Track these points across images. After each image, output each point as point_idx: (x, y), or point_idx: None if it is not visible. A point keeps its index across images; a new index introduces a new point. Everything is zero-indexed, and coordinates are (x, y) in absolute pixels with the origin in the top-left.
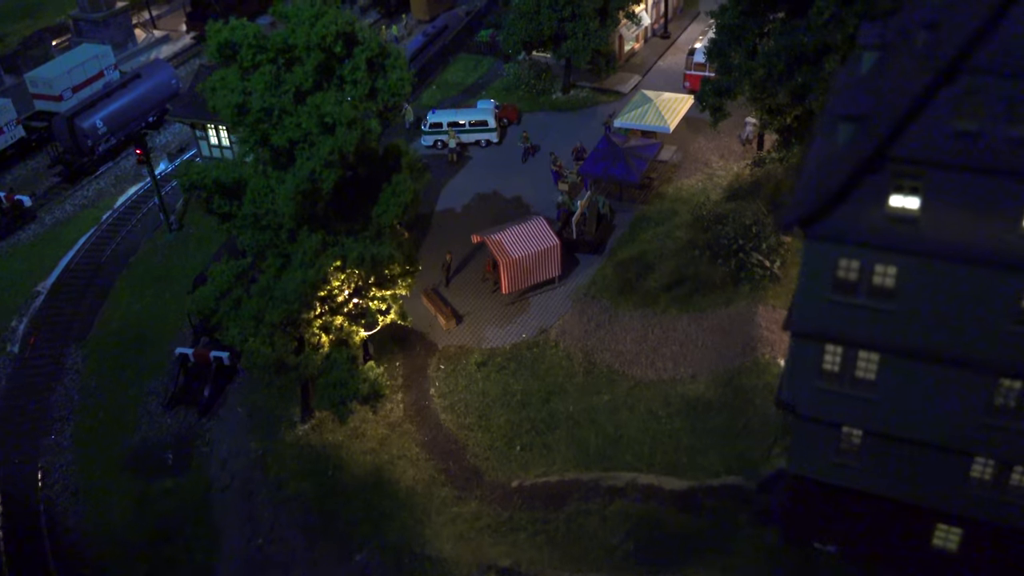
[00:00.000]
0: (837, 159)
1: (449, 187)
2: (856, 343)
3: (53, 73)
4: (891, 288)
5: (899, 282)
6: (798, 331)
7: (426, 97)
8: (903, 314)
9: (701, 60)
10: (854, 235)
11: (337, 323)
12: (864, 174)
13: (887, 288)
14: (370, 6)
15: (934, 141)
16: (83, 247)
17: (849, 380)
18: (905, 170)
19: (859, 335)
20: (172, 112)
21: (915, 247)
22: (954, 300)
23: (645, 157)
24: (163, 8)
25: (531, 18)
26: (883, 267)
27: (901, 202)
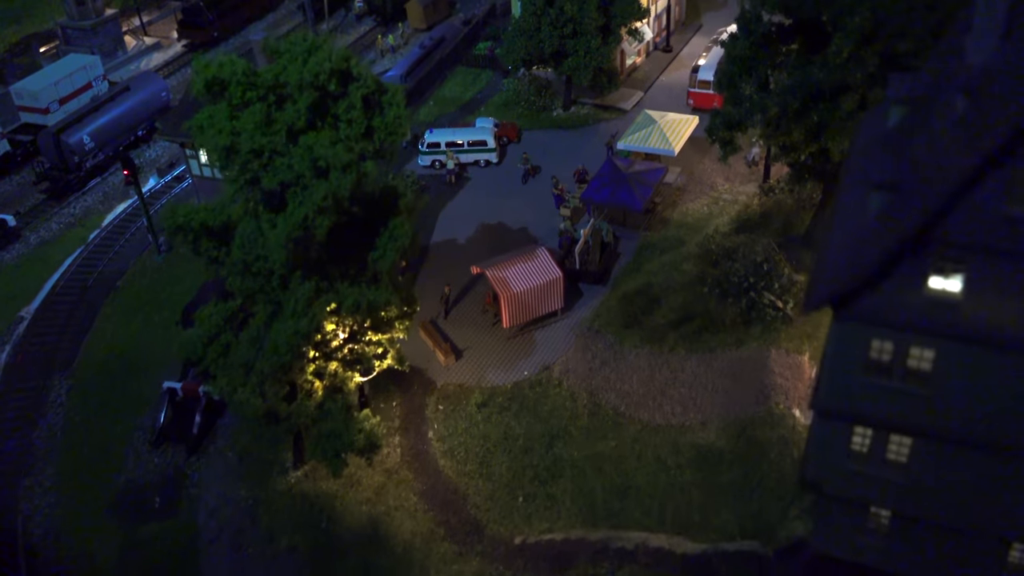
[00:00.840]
0: (871, 235)
1: (447, 210)
2: (888, 426)
3: (39, 85)
4: (928, 371)
5: (937, 366)
6: (825, 411)
7: (423, 113)
8: (940, 398)
9: (705, 78)
10: (889, 317)
11: (331, 369)
12: (903, 256)
13: (923, 371)
14: (366, 14)
15: (982, 225)
16: (69, 269)
17: (879, 462)
18: (949, 254)
19: (891, 418)
20: (161, 130)
21: (956, 331)
22: (995, 385)
23: (650, 183)
24: (154, 14)
25: (531, 35)
26: (919, 350)
27: (942, 284)
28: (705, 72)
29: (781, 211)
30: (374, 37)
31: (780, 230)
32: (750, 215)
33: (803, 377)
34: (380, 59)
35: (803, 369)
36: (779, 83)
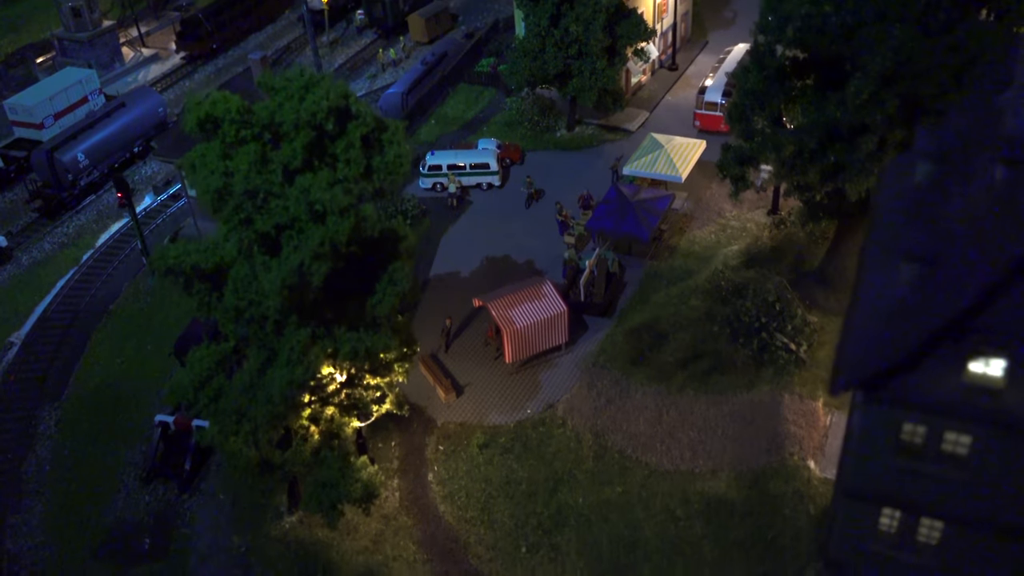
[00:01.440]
0: (904, 313)
1: (449, 235)
2: (919, 509)
3: (34, 100)
4: (964, 455)
5: (974, 450)
6: (851, 492)
7: (425, 132)
8: (976, 482)
9: (712, 99)
10: (923, 402)
11: (328, 414)
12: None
13: (959, 455)
14: (366, 27)
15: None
16: (61, 292)
17: (909, 544)
18: (992, 338)
19: (922, 500)
20: (157, 150)
21: (997, 418)
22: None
23: (657, 212)
24: (152, 24)
25: (535, 56)
26: (955, 435)
27: (983, 369)
28: (712, 94)
29: (792, 245)
30: (375, 50)
31: (792, 265)
32: (760, 248)
33: (817, 425)
34: (381, 73)
35: (817, 416)
36: (794, 119)
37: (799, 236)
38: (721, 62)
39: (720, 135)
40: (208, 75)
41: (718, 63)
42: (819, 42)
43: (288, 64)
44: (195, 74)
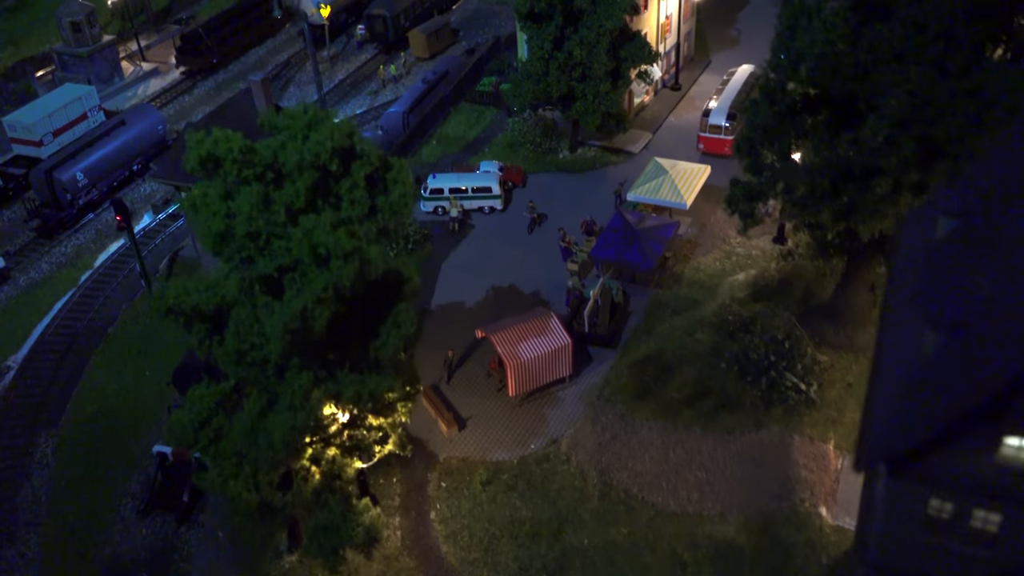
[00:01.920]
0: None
1: (450, 261)
2: None
3: (33, 117)
4: (994, 533)
5: (1004, 528)
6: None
7: (426, 153)
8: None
9: (717, 122)
10: (953, 480)
11: (329, 455)
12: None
13: (988, 533)
14: (367, 42)
15: None
16: (59, 314)
17: None
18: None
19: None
20: (155, 172)
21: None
22: None
23: (662, 240)
24: (152, 38)
25: (539, 79)
26: (985, 513)
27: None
28: (716, 116)
29: (801, 278)
30: (376, 66)
31: (800, 299)
32: (767, 280)
33: (828, 469)
34: (382, 89)
35: (828, 460)
36: (805, 155)
37: (807, 268)
38: (725, 83)
39: (724, 158)
40: (208, 90)
41: (722, 84)
42: (833, 81)
43: (288, 80)
44: (195, 89)
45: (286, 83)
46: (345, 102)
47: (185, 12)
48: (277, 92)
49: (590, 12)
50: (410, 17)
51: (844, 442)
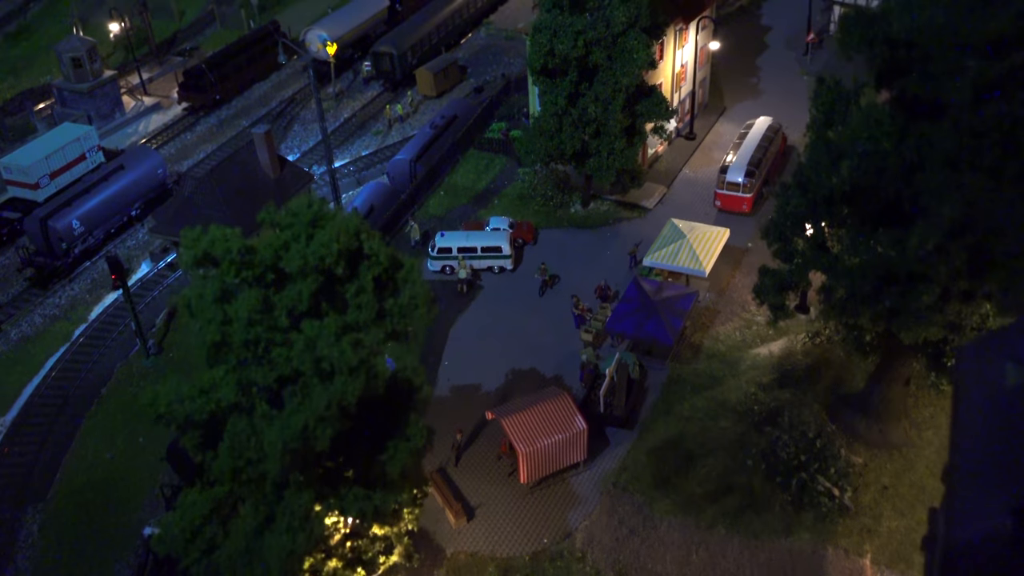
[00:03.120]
0: None
1: (458, 327)
2: None
3: (29, 160)
4: None
5: None
6: None
7: (434, 204)
8: None
9: (735, 179)
10: None
11: (330, 567)
12: None
13: None
14: (373, 78)
15: None
16: (51, 372)
17: None
18: None
19: None
20: (155, 226)
21: None
22: None
23: (680, 312)
24: (155, 70)
25: (551, 136)
26: None
27: None
28: (734, 173)
29: (830, 364)
30: (382, 104)
31: (830, 387)
32: (794, 363)
33: None
34: (387, 130)
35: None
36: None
37: (836, 353)
38: (743, 137)
39: (742, 215)
40: (210, 127)
41: (739, 138)
42: (878, 185)
43: (292, 118)
44: (197, 126)
45: (290, 121)
46: (350, 143)
47: (188, 43)
48: (281, 131)
49: (606, 67)
50: (417, 54)
51: (881, 555)
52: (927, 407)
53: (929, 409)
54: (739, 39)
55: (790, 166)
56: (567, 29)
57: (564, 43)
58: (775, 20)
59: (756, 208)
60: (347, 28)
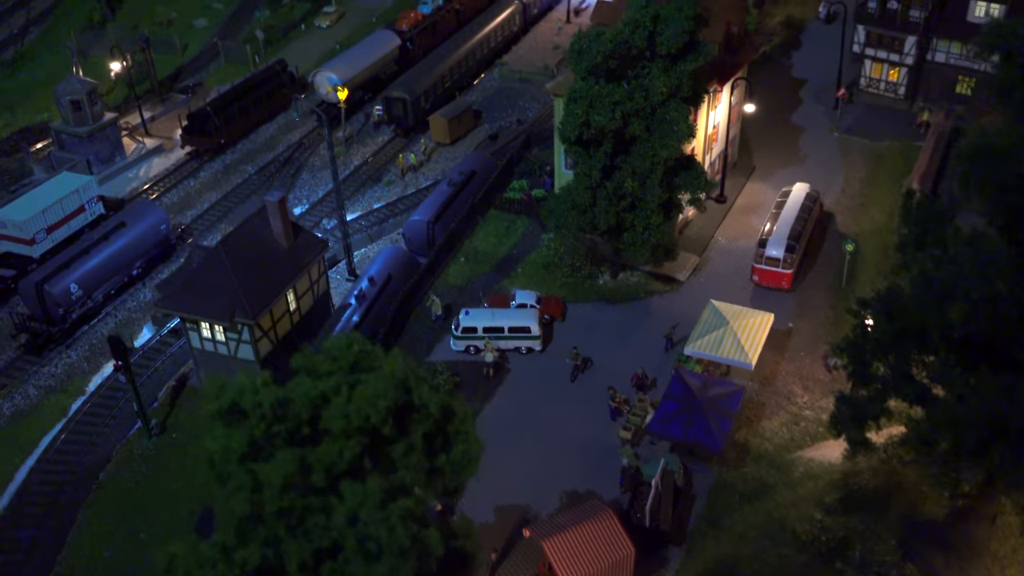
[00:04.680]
0: None
1: (485, 416)
2: None
3: (26, 214)
4: None
5: None
6: None
7: (454, 273)
8: None
9: (774, 254)
10: None
11: None
12: None
13: None
14: (384, 123)
15: None
16: (46, 454)
17: None
18: None
19: None
20: (159, 300)
21: None
22: None
23: (728, 413)
24: (157, 109)
25: (584, 209)
26: None
27: None
28: (774, 247)
29: (903, 488)
30: (394, 150)
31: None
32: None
33: None
34: (400, 179)
35: None
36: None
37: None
38: (780, 206)
39: (781, 292)
40: (215, 173)
41: (776, 208)
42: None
43: (301, 165)
44: (200, 172)
45: (298, 168)
46: (361, 193)
47: (191, 79)
48: (288, 179)
49: (644, 139)
50: (430, 99)
51: None
52: (1008, 538)
53: (1011, 541)
54: (765, 90)
55: (830, 238)
56: (604, 100)
57: (601, 115)
58: (801, 68)
59: (796, 284)
60: (357, 70)
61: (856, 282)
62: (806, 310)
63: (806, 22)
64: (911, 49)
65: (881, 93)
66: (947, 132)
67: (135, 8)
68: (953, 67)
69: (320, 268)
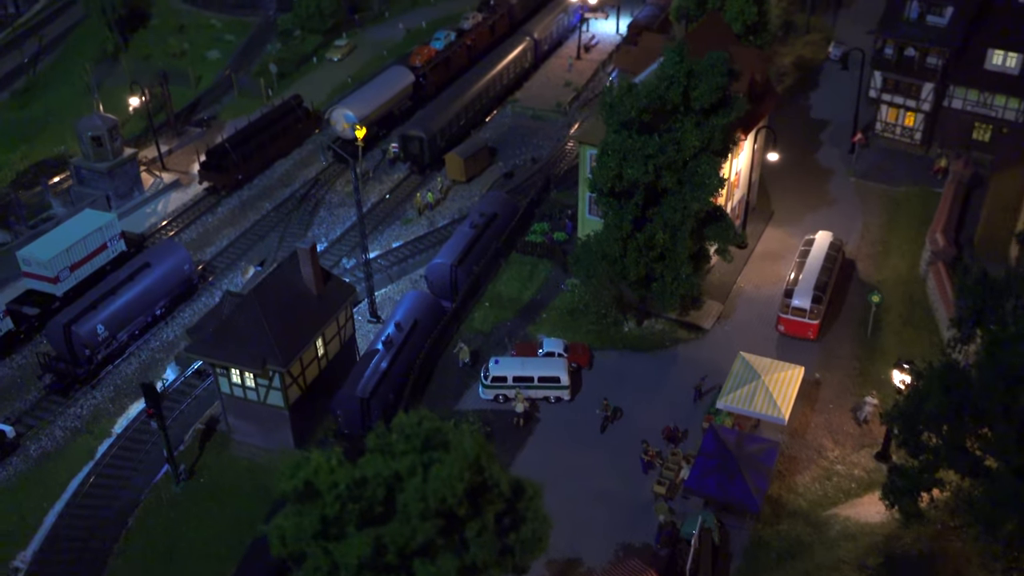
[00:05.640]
0: None
1: (517, 467)
2: None
3: (50, 253)
4: None
5: None
6: None
7: (479, 319)
8: None
9: (800, 305)
10: None
11: None
12: None
13: None
14: (400, 160)
15: None
16: (74, 499)
17: None
18: None
19: None
20: (190, 347)
21: None
22: None
23: (764, 470)
24: (173, 142)
25: (614, 260)
26: None
27: None
28: (800, 298)
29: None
30: (410, 187)
31: None
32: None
33: None
34: (418, 218)
35: None
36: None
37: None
38: (804, 255)
39: (806, 341)
40: (232, 209)
41: (800, 256)
42: None
43: (318, 201)
44: (218, 208)
45: (315, 205)
46: (379, 231)
47: (206, 112)
48: (307, 216)
49: (675, 192)
50: (446, 137)
51: None
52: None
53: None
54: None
55: (853, 286)
56: (637, 153)
57: (634, 168)
58: (815, 110)
59: (821, 333)
60: (373, 107)
61: (881, 333)
62: (832, 360)
63: (816, 62)
64: (928, 95)
65: (897, 138)
66: (966, 180)
67: (148, 39)
68: (970, 113)
69: (347, 313)
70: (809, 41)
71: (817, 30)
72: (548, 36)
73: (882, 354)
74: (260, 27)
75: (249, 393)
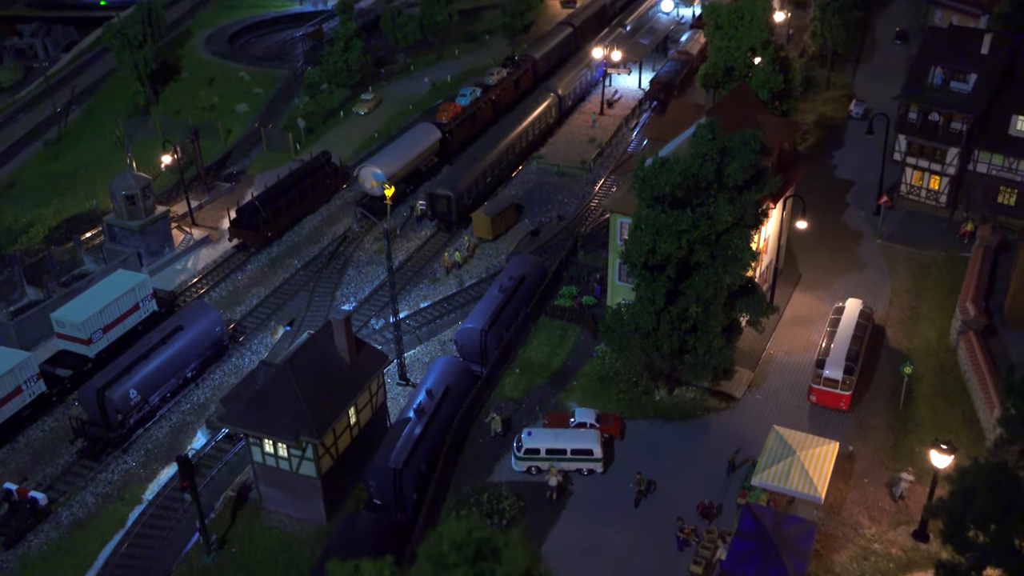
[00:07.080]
0: None
1: (551, 542)
2: None
3: (83, 315)
4: None
5: None
6: None
7: (510, 385)
8: None
9: (833, 376)
10: None
11: None
12: None
13: None
14: (426, 217)
15: None
16: (106, 568)
17: None
18: None
19: None
20: (226, 419)
21: None
22: None
23: (802, 552)
24: (203, 197)
25: (647, 333)
26: None
27: None
28: (832, 369)
29: None
30: (437, 244)
31: None
32: None
33: None
34: (445, 277)
35: None
36: None
37: None
38: (835, 324)
39: (838, 412)
40: (261, 266)
41: (831, 326)
42: None
43: (347, 260)
44: (248, 265)
45: (344, 263)
46: (407, 291)
47: (235, 167)
48: (335, 275)
49: (707, 265)
50: (473, 195)
51: None
52: None
53: None
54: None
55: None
56: (671, 228)
57: (668, 243)
58: (842, 168)
59: (854, 404)
60: (401, 164)
61: (914, 403)
62: (865, 432)
63: (838, 119)
64: (953, 160)
65: (923, 200)
66: (994, 246)
67: (178, 92)
68: (995, 178)
69: (379, 380)
70: (830, 98)
71: (838, 86)
72: (572, 92)
73: (916, 425)
74: (288, 80)
75: (282, 463)
